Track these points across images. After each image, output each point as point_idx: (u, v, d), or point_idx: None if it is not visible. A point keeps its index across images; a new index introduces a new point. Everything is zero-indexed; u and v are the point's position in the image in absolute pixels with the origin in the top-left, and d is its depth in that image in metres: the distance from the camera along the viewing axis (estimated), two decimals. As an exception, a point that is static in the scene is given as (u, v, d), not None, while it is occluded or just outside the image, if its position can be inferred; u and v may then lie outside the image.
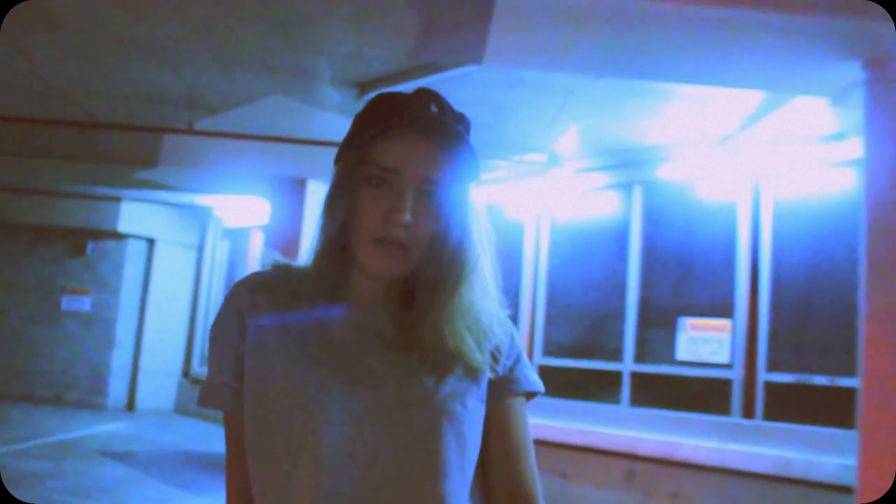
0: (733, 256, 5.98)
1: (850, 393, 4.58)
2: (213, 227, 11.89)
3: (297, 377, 1.12)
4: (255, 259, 11.07)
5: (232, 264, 11.86)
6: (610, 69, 4.32)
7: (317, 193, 7.50)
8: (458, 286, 1.16)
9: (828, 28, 3.53)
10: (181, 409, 11.57)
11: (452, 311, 1.15)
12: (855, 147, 4.99)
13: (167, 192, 9.70)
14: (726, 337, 5.93)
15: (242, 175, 7.86)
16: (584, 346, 6.77)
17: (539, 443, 1.25)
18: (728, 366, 5.88)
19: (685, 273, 6.32)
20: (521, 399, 1.24)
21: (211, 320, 8.03)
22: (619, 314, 6.52)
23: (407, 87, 5.07)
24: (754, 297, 5.85)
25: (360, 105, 5.35)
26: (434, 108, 1.17)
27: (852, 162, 5.15)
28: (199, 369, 11.55)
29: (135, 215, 11.17)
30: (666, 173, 6.40)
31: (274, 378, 1.13)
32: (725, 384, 5.87)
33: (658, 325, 6.35)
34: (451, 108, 1.20)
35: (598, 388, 6.56)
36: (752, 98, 5.04)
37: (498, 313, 1.24)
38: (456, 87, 5.16)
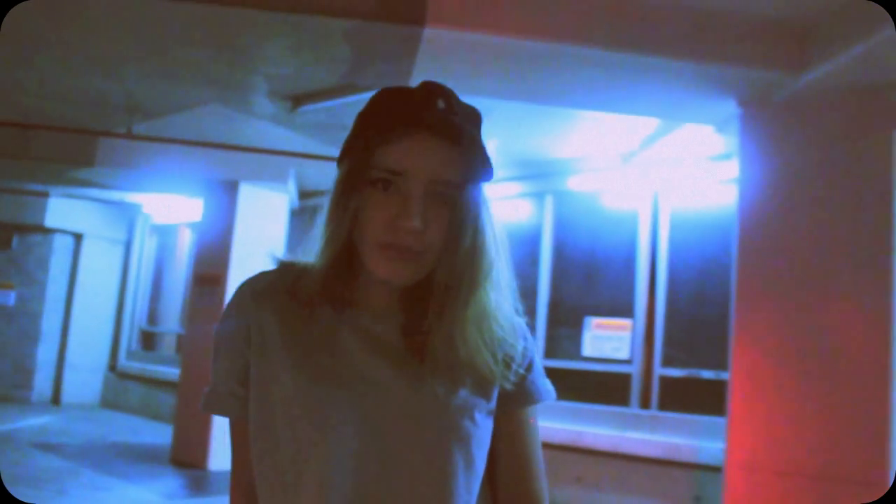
0: (634, 261, 6.59)
1: (728, 385, 5.20)
2: (141, 223, 12.01)
3: (302, 388, 1.09)
4: (184, 255, 11.28)
5: (160, 260, 12.00)
6: (524, 96, 4.83)
7: (248, 195, 7.84)
8: (472, 293, 1.11)
9: (709, 73, 4.11)
10: (107, 403, 11.69)
11: (466, 319, 1.10)
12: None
13: (98, 189, 9.85)
14: (627, 335, 6.54)
15: (176, 176, 8.12)
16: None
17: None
18: (628, 361, 6.49)
19: (591, 276, 6.91)
20: (532, 408, 1.21)
21: (139, 314, 8.30)
22: (531, 314, 7.05)
23: (340, 101, 5.52)
24: (652, 299, 6.47)
25: (293, 116, 5.74)
26: (441, 105, 1.10)
27: (735, 179, 5.80)
28: (126, 363, 11.68)
29: (62, 210, 11.21)
30: (575, 184, 6.97)
31: (279, 388, 1.11)
32: (625, 378, 6.48)
33: (566, 323, 6.92)
34: (459, 103, 1.14)
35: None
36: (650, 122, 5.62)
37: (513, 319, 1.19)
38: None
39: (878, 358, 3.85)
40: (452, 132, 1.08)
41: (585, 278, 6.94)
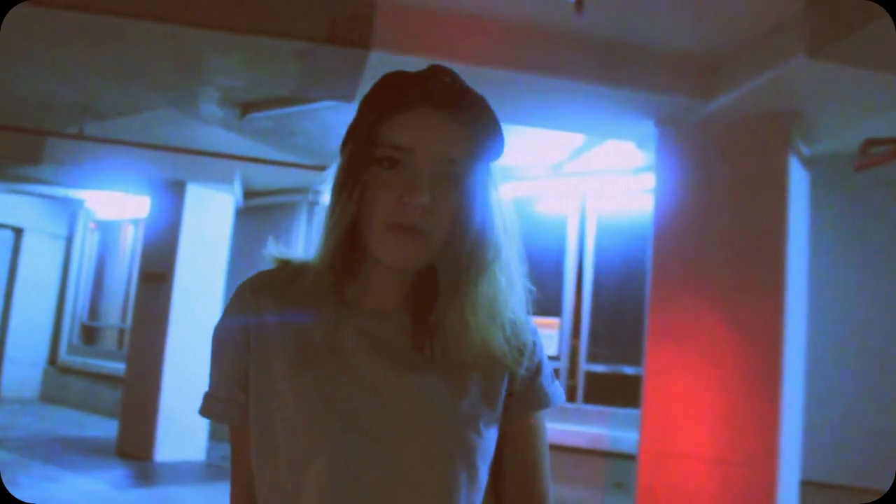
0: (562, 264, 7.04)
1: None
2: (83, 218, 12.07)
3: (302, 397, 1.05)
4: (127, 251, 11.39)
5: (102, 256, 12.08)
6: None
7: (195, 195, 8.09)
8: (481, 273, 1.07)
9: (629, 97, 4.53)
10: (47, 397, 11.74)
11: (476, 300, 1.07)
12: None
13: (42, 185, 9.92)
14: (555, 333, 6.98)
15: (125, 175, 8.28)
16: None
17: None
18: (556, 357, 6.94)
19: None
20: (542, 412, 1.18)
21: (80, 309, 8.48)
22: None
23: (287, 111, 5.84)
24: (578, 299, 6.93)
25: (241, 122, 6.01)
26: (448, 81, 1.08)
27: (652, 190, 6.29)
28: (67, 357, 11.74)
29: (2, 205, 11.22)
30: (508, 190, 7.37)
31: (278, 397, 1.07)
32: (553, 373, 6.91)
33: (500, 321, 7.34)
34: (466, 84, 1.10)
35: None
36: (578, 136, 6.06)
37: (524, 306, 1.15)
38: (330, 113, 5.94)
39: (770, 353, 4.33)
40: (461, 107, 1.06)
41: (518, 279, 7.37)
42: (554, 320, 7.00)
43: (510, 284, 1.11)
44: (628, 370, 6.53)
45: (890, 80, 3.90)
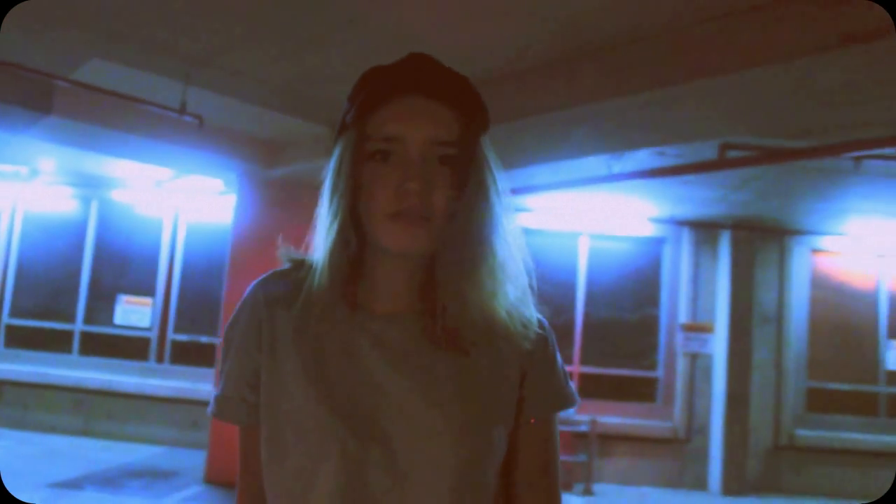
0: (157, 255, 9.02)
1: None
2: None
3: (313, 400, 1.06)
4: None
5: None
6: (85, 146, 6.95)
7: None
8: (479, 250, 1.07)
9: (214, 158, 6.73)
10: None
11: (473, 277, 1.06)
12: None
13: None
14: (149, 309, 8.96)
15: None
16: (46, 311, 9.19)
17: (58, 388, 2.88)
18: (149, 328, 8.93)
19: (124, 263, 9.16)
20: (555, 415, 1.17)
21: None
22: (75, 289, 9.10)
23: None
24: (169, 284, 8.98)
25: None
26: (429, 67, 1.09)
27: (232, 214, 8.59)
28: None
29: None
30: (118, 196, 9.14)
31: (289, 398, 1.08)
32: (147, 341, 8.90)
33: (103, 298, 9.10)
34: (451, 69, 1.11)
35: (55, 342, 9.07)
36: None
37: (525, 280, 1.13)
38: None
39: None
40: (443, 90, 1.07)
41: (120, 265, 9.17)
42: (148, 300, 8.97)
43: (509, 257, 1.10)
44: (205, 339, 8.78)
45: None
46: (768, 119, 4.55)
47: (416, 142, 1.04)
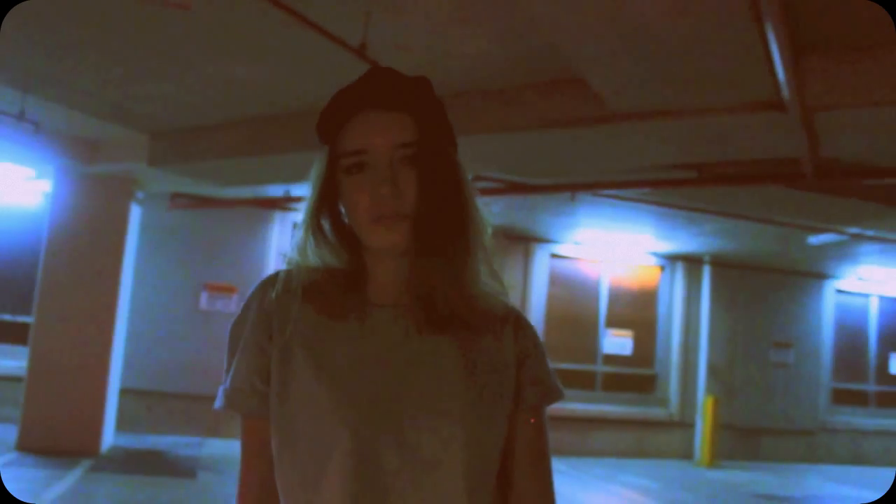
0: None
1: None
2: None
3: (325, 383, 1.11)
4: None
5: None
6: None
7: None
8: (456, 236, 1.15)
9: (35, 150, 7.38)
10: None
11: (455, 263, 1.14)
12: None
13: None
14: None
15: None
16: None
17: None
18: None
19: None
20: (546, 408, 1.24)
21: None
22: None
23: None
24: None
25: None
26: (382, 81, 1.17)
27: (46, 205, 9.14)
28: None
29: None
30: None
31: (301, 385, 1.13)
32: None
33: None
34: (402, 76, 1.18)
35: None
36: None
37: (493, 265, 1.23)
38: None
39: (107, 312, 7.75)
40: (398, 97, 1.15)
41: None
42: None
43: (479, 236, 1.18)
44: (8, 317, 9.25)
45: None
46: (515, 163, 6.22)
47: (381, 149, 1.13)
